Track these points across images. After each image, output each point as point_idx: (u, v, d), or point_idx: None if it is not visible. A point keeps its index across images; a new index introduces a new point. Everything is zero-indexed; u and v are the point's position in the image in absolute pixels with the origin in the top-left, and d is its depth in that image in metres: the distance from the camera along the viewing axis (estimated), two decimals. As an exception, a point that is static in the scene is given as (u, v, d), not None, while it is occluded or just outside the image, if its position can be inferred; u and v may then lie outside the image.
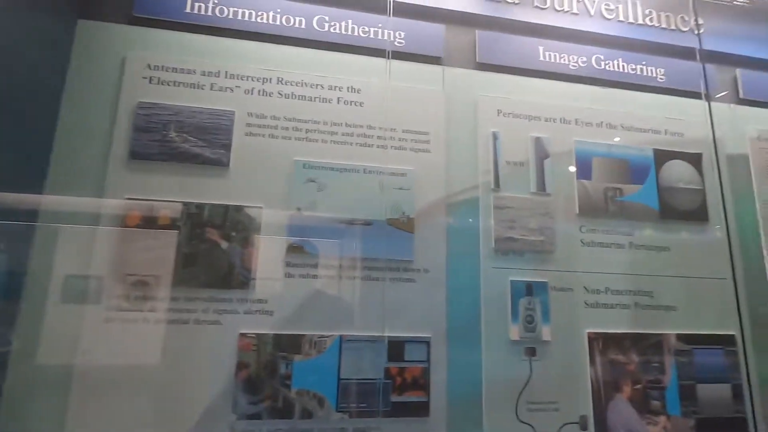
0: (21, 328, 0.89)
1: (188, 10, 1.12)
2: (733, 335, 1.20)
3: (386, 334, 1.03)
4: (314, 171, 1.09)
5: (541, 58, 1.31)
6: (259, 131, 1.08)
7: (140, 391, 0.91)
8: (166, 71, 1.07)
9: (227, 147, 1.05)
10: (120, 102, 1.03)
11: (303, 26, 1.18)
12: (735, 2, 1.56)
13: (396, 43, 1.21)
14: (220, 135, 1.05)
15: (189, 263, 0.98)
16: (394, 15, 1.21)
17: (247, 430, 0.93)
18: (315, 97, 1.13)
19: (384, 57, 1.18)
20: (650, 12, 1.42)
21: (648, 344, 1.16)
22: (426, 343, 1.05)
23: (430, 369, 1.03)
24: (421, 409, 1.01)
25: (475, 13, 1.29)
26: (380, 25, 1.21)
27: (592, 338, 1.14)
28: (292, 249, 1.04)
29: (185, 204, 1.00)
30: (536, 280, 1.14)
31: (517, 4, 1.33)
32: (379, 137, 1.14)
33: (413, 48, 1.22)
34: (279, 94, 1.12)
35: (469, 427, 1.03)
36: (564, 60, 1.32)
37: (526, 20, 1.32)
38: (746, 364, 1.18)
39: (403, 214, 1.10)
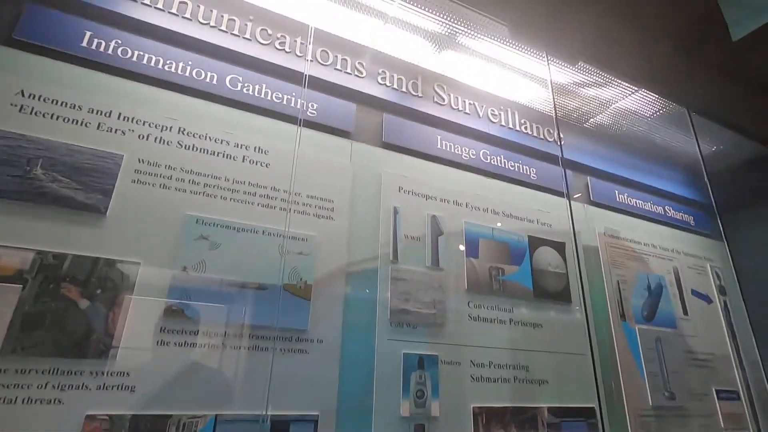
0: None
1: (84, 44, 1.04)
2: (592, 407, 1.33)
3: (270, 413, 0.93)
4: (208, 228, 1.01)
5: (439, 146, 1.46)
6: (149, 179, 0.99)
7: None
8: (44, 102, 0.95)
9: (107, 192, 0.94)
10: (-24, 128, 0.87)
11: (214, 82, 1.16)
12: (584, 125, 1.96)
13: (308, 113, 1.25)
14: (101, 179, 0.94)
15: (31, 326, 0.80)
16: (308, 87, 1.27)
17: None
18: (219, 153, 1.09)
19: (295, 124, 1.21)
20: (525, 122, 1.70)
21: (525, 417, 1.23)
22: (314, 422, 0.97)
23: (316, 453, 0.95)
24: (301, 502, 0.90)
25: (383, 99, 1.41)
26: (294, 93, 1.25)
27: (477, 413, 1.17)
28: (171, 312, 0.92)
29: (39, 253, 0.85)
30: (427, 353, 1.16)
31: (420, 97, 1.49)
32: (282, 200, 1.12)
33: (324, 119, 1.27)
34: (179, 144, 1.05)
35: None
36: (457, 150, 1.49)
37: (427, 111, 1.48)
38: (604, 435, 1.30)
39: (301, 280, 1.06)
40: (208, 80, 1.15)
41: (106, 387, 0.83)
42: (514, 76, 1.67)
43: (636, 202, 1.88)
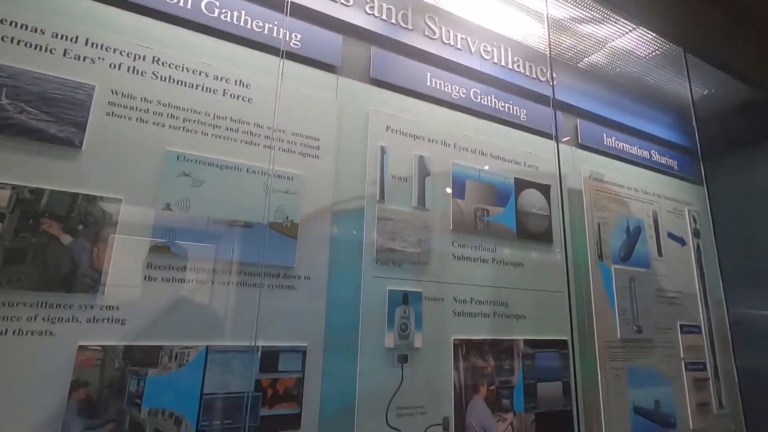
0: None
1: (42, -42, 0.94)
2: (565, 340, 1.42)
3: (260, 344, 0.97)
4: (190, 165, 0.99)
5: (428, 84, 1.41)
6: (124, 113, 0.95)
7: None
8: (2, 24, 0.87)
9: (80, 125, 0.90)
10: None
11: (189, 6, 1.08)
12: (578, 65, 1.90)
13: (292, 44, 1.18)
14: (73, 110, 0.89)
15: (13, 261, 0.80)
16: (291, 15, 1.19)
17: (79, 462, 0.78)
18: (197, 85, 1.04)
19: (277, 56, 1.15)
20: (518, 60, 1.64)
21: (502, 349, 1.31)
22: (302, 352, 1.02)
23: (305, 379, 1.00)
24: (291, 422, 0.97)
25: (371, 30, 1.33)
26: (276, 22, 1.17)
27: (457, 344, 1.23)
28: (157, 249, 0.92)
29: (14, 188, 0.82)
30: (412, 289, 1.20)
31: (410, 30, 1.41)
32: (266, 137, 1.09)
33: (309, 52, 1.21)
34: (154, 75, 0.99)
35: (340, 437, 1.02)
36: (447, 88, 1.44)
37: (417, 46, 1.41)
38: (574, 364, 1.40)
39: (287, 219, 1.06)
40: (181, 4, 1.07)
41: (97, 320, 0.85)
42: (510, 9, 1.59)
43: (623, 146, 1.89)
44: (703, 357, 1.80)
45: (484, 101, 1.51)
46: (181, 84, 1.02)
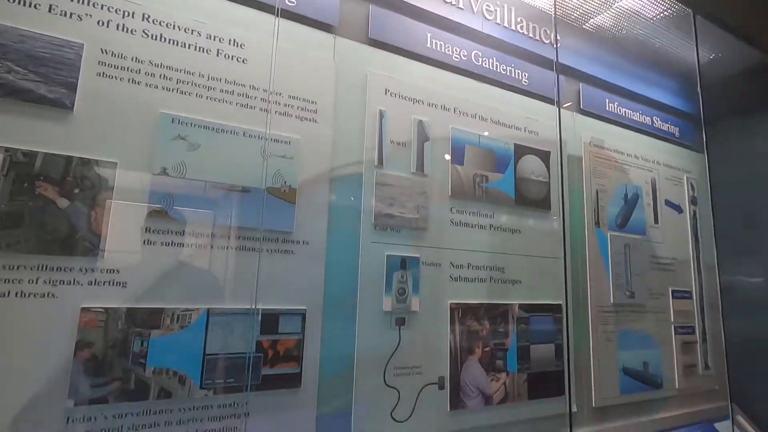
0: None
1: None
2: (559, 304, 1.45)
3: (260, 307, 0.99)
4: (185, 128, 0.97)
5: (429, 45, 1.36)
6: (116, 73, 0.92)
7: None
8: (-17, -23, 0.83)
9: (71, 86, 0.87)
10: None
11: (179, -40, 1.02)
12: (584, 26, 1.84)
13: (287, 2, 1.14)
14: (62, 70, 0.87)
15: (10, 224, 0.80)
16: (286, -29, 1.13)
17: (90, 416, 0.81)
18: (190, 45, 1.00)
19: (272, 14, 1.10)
20: (521, 20, 1.58)
21: (497, 313, 1.34)
22: (302, 315, 1.04)
23: (305, 340, 1.03)
24: (292, 381, 1.00)
25: (370, -13, 1.28)
26: (270, -23, 1.12)
27: (454, 308, 1.26)
28: (155, 214, 0.92)
29: (8, 150, 0.81)
30: (410, 255, 1.22)
31: (410, -13, 1.35)
32: (262, 99, 1.06)
33: (305, 11, 1.16)
34: (144, 33, 0.96)
35: (339, 395, 1.06)
36: (448, 50, 1.40)
37: (416, 4, 1.35)
38: (567, 328, 1.43)
39: (285, 184, 1.06)
40: (170, -43, 1.01)
41: (98, 283, 0.85)
42: (515, -34, 1.52)
43: (625, 112, 1.86)
44: (692, 321, 1.85)
45: (485, 64, 1.47)
46: (173, 43, 0.98)
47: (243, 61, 1.06)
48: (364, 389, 1.09)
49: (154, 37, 0.97)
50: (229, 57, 1.04)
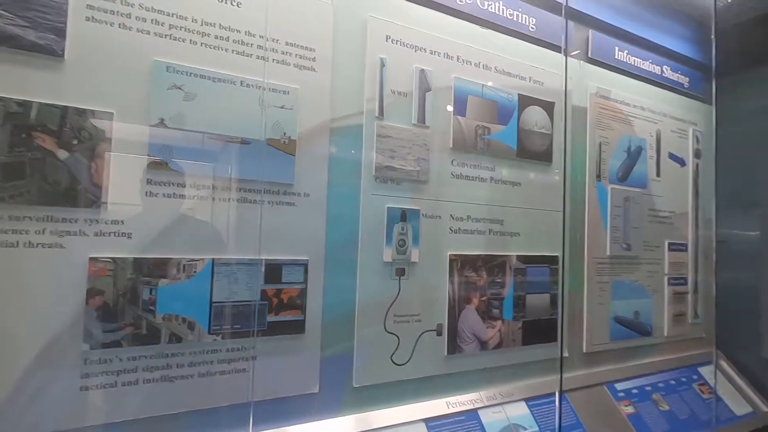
0: None
1: None
2: (556, 256, 1.48)
3: (263, 257, 1.01)
4: (181, 77, 0.95)
5: (432, -13, 1.29)
6: (105, 18, 0.88)
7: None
8: None
9: (60, 32, 0.84)
10: None
11: None
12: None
13: (281, -62, 1.06)
14: (50, 15, 0.83)
15: (11, 176, 0.80)
16: None
17: (104, 359, 0.86)
18: (181, -14, 0.95)
19: (267, -48, 1.04)
20: (531, -41, 1.49)
21: (495, 264, 1.37)
22: (304, 265, 1.06)
23: (307, 290, 1.06)
24: (296, 327, 1.05)
25: None
26: None
27: (453, 259, 1.29)
28: (155, 165, 0.92)
29: (1, 100, 0.79)
30: (410, 207, 1.22)
31: None
32: (259, 47, 1.03)
33: (301, -52, 1.09)
34: (132, -27, 0.91)
35: (341, 340, 1.11)
36: (452, -7, 1.33)
37: (420, -58, 1.27)
38: (563, 278, 1.47)
39: (285, 135, 1.05)
40: None
41: (103, 233, 0.87)
42: None
43: (635, 60, 1.79)
44: (685, 273, 1.90)
45: (491, 8, 1.41)
46: (163, -15, 0.94)
47: (237, 4, 1.01)
48: (364, 335, 1.14)
49: (142, -22, 0.92)
50: (222, 0, 0.99)
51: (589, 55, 1.66)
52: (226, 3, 1.00)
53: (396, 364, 1.18)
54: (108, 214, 0.87)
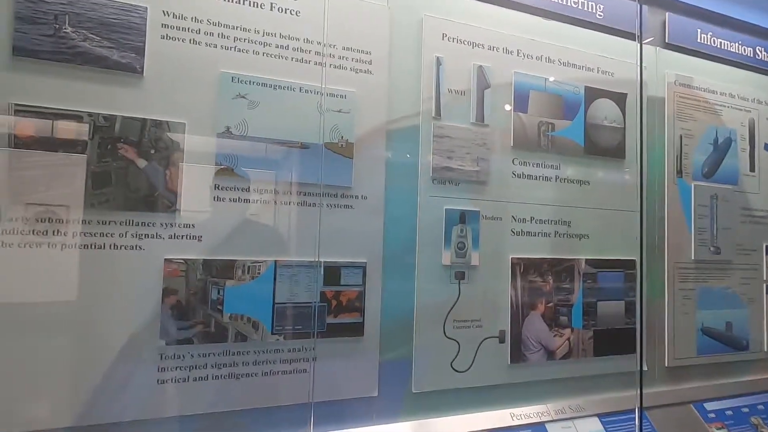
0: None
1: None
2: (633, 260, 1.36)
3: (322, 260, 1.02)
4: (245, 86, 0.99)
5: (489, -19, 1.25)
6: (178, 35, 0.94)
7: (54, 325, 0.84)
8: (54, -52, 0.87)
9: (139, 51, 0.91)
10: (-7, -17, 0.83)
11: None
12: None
13: (337, -54, 1.08)
14: (131, 35, 0.90)
15: (100, 184, 0.87)
16: None
17: (178, 355, 0.91)
18: (244, 0, 1.00)
19: (323, -39, 1.06)
20: (597, -57, 1.39)
21: (562, 268, 1.28)
22: (362, 268, 1.06)
23: (366, 292, 1.06)
24: (355, 330, 1.05)
25: None
26: None
27: (515, 263, 1.23)
28: (222, 172, 0.96)
29: (91, 115, 0.87)
30: (469, 209, 1.18)
31: None
32: (317, 53, 1.05)
33: (356, -47, 1.10)
34: (201, -9, 0.97)
35: (400, 344, 1.10)
36: (511, -15, 1.28)
37: (476, -64, 1.23)
38: (641, 284, 1.35)
39: (342, 138, 1.06)
40: None
41: (177, 236, 0.93)
42: None
43: (721, 43, 1.61)
44: (788, 280, 1.66)
45: (553, -2, 1.33)
46: (229, 0, 0.99)
47: (296, 13, 1.04)
48: (423, 340, 1.11)
49: (210, -5, 0.97)
50: (282, 10, 1.03)
51: (666, 40, 1.51)
52: (285, 13, 1.03)
53: (456, 371, 1.14)
54: (181, 218, 0.93)
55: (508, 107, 1.24)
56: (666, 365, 1.42)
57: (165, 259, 0.91)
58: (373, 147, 1.09)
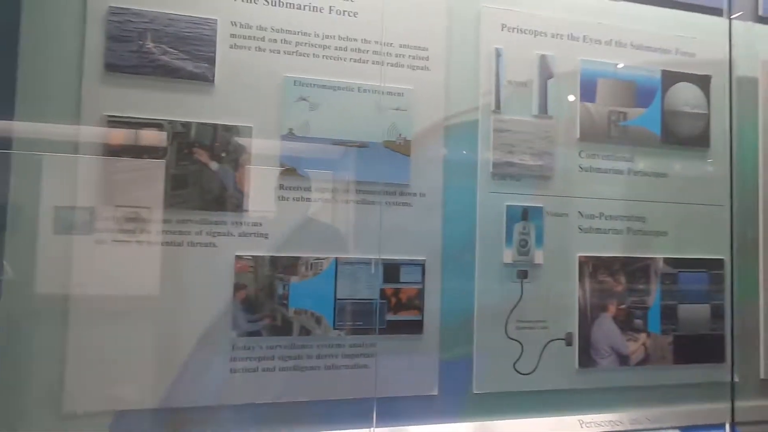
0: (10, 259, 0.87)
1: None
2: (721, 259, 1.23)
3: (382, 257, 1.03)
4: (306, 89, 1.02)
5: (552, -35, 1.19)
6: (245, 43, 1.00)
7: (140, 314, 0.92)
8: (134, -29, 0.95)
9: (211, 60, 0.97)
10: (88, 8, 0.93)
11: None
12: None
13: (393, -56, 1.09)
14: (203, 47, 0.97)
15: (178, 185, 0.95)
16: None
17: (248, 346, 0.96)
18: (304, 6, 1.03)
19: (379, -40, 1.07)
20: None
21: (636, 267, 1.19)
22: (421, 265, 1.06)
23: (425, 290, 1.05)
24: (415, 327, 1.05)
25: None
26: None
27: (583, 261, 1.16)
28: (285, 171, 1.01)
29: (170, 122, 0.95)
30: (532, 205, 1.14)
31: None
32: (374, 52, 1.06)
33: (411, -51, 1.10)
34: (265, 0, 1.01)
35: (460, 343, 1.08)
36: (576, -32, 1.20)
37: None
38: (732, 286, 1.21)
39: (400, 136, 1.06)
40: None
41: (246, 234, 0.98)
42: None
43: (828, 13, 1.41)
44: None
45: (624, -23, 1.24)
46: (290, 6, 1.02)
47: (354, 14, 1.06)
48: (485, 340, 1.09)
49: (272, 3, 1.02)
50: (340, 12, 1.05)
51: (760, 13, 1.35)
52: (343, 15, 1.05)
53: (520, 373, 1.10)
54: (249, 216, 0.98)
55: (572, 97, 1.18)
56: (761, 377, 1.27)
57: (236, 256, 0.97)
58: (430, 144, 1.08)
